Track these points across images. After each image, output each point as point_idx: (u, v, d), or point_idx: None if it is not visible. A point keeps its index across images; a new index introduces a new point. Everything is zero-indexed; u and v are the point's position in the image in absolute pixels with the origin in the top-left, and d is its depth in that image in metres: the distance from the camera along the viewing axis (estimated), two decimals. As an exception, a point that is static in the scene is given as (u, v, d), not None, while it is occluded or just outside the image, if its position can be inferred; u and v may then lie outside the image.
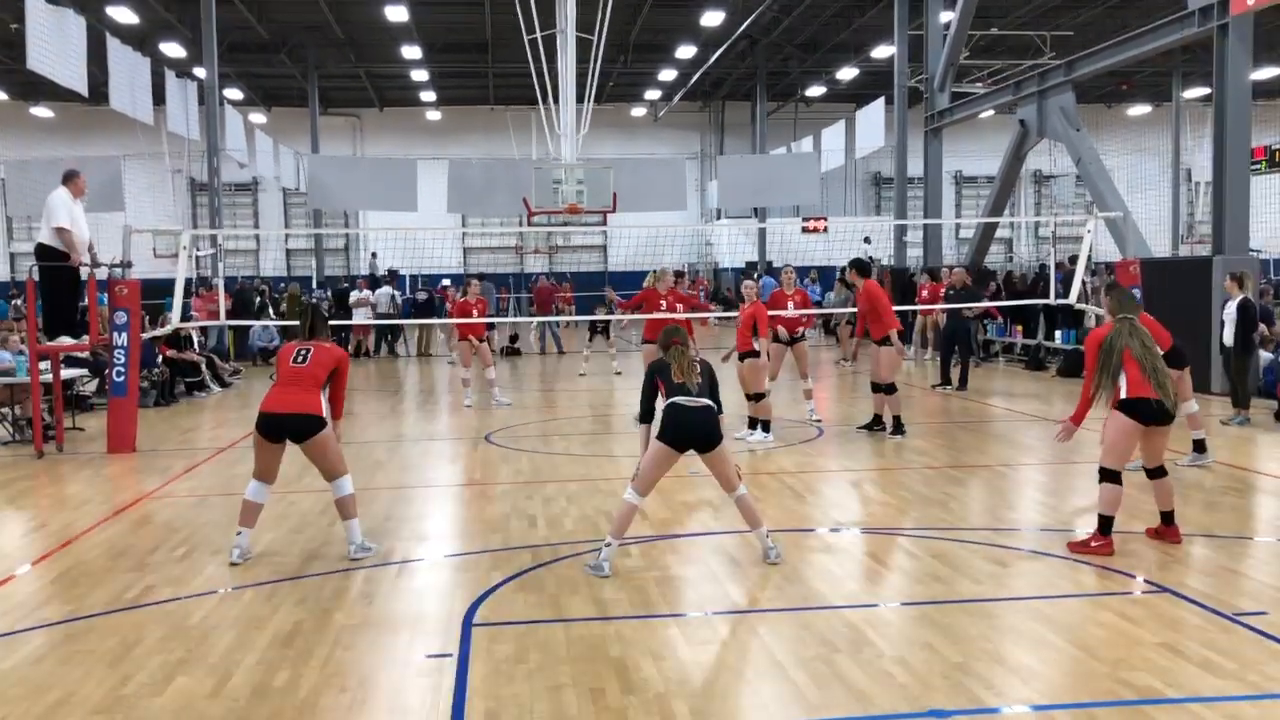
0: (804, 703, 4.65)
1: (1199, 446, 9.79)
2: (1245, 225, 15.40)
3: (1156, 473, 7.05)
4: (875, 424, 12.10)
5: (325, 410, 7.18)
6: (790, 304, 13.16)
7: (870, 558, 7.05)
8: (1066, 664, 5.03)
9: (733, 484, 6.76)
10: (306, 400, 7.08)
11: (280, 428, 7.11)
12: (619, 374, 18.87)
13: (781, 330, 13.01)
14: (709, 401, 6.69)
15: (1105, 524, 6.88)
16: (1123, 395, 6.83)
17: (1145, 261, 15.46)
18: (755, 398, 11.75)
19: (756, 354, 11.69)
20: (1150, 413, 6.79)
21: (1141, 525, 7.62)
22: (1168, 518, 7.09)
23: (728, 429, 7.14)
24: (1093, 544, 6.88)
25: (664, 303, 13.01)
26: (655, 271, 14.06)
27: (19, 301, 29.61)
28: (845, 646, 5.28)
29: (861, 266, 12.60)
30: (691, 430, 6.61)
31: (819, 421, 12.86)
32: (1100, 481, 6.95)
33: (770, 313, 12.96)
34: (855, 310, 23.22)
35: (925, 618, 5.73)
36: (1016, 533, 7.60)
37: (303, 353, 7.26)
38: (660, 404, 6.78)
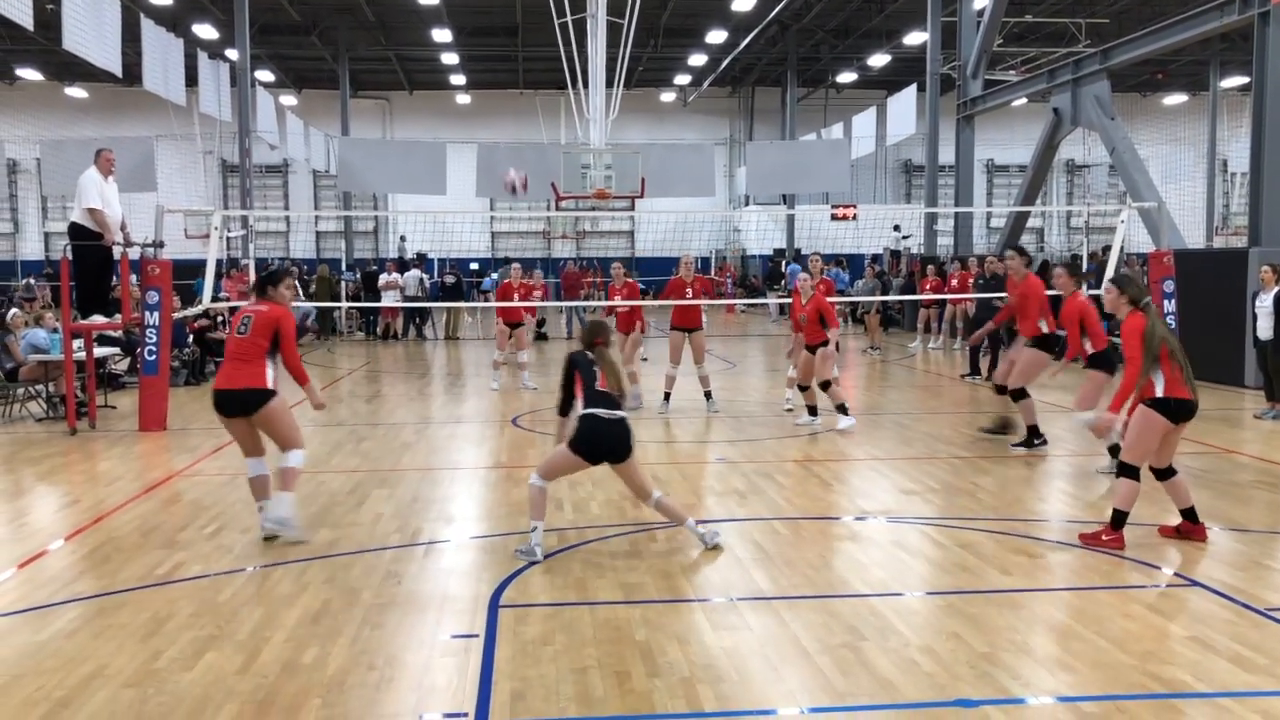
0: (830, 690, 4.64)
1: (1115, 451, 8.79)
2: (1283, 216, 15.18)
3: (1166, 473, 6.91)
4: (1002, 429, 10.76)
5: (271, 379, 7.02)
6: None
7: (897, 546, 7.02)
8: (1095, 656, 5.00)
9: (647, 492, 6.72)
10: (249, 373, 6.97)
11: (230, 404, 7.05)
12: (645, 360, 18.84)
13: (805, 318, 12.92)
14: (624, 414, 6.63)
15: (1119, 518, 6.79)
16: (1158, 393, 6.68)
17: (1179, 253, 15.27)
18: (824, 385, 11.61)
19: (825, 343, 11.59)
20: (1185, 412, 6.71)
21: (1172, 519, 7.55)
22: (1190, 515, 6.96)
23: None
24: (1104, 537, 6.81)
25: (689, 290, 12.97)
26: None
27: (32, 280, 29.97)
28: (872, 635, 5.27)
29: (1025, 254, 11.11)
30: (606, 445, 6.58)
31: (790, 410, 12.80)
32: (1118, 476, 6.88)
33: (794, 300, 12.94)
34: (881, 299, 23.17)
35: (952, 607, 5.71)
36: (1045, 524, 7.55)
37: (245, 320, 7.10)
38: (577, 406, 6.61)
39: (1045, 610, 5.68)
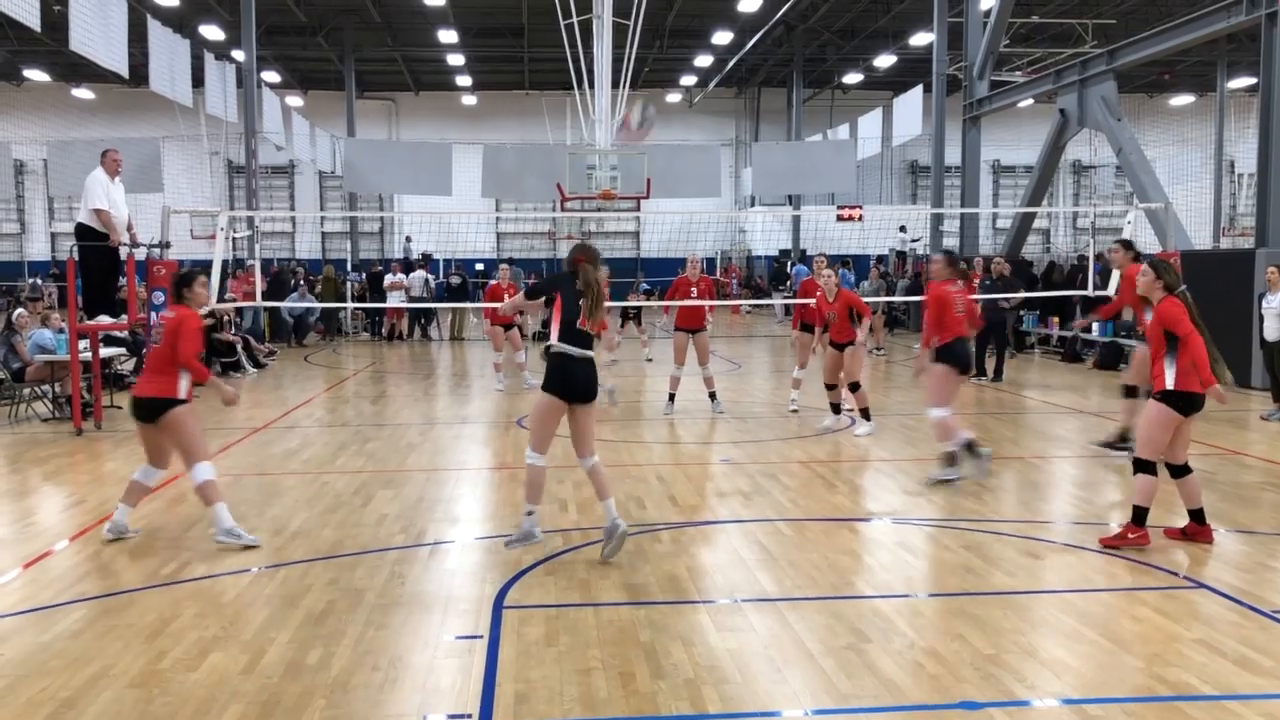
0: (834, 691, 4.63)
1: (950, 460, 8.84)
2: (1290, 218, 15.15)
3: (1181, 471, 6.89)
4: (1124, 441, 9.93)
5: (182, 389, 7.01)
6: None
7: (901, 548, 7.01)
8: (1100, 658, 4.98)
9: (590, 447, 6.60)
10: (155, 382, 7.01)
11: (136, 410, 7.06)
12: (650, 360, 18.85)
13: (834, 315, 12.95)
14: (592, 354, 6.51)
15: (1140, 515, 6.79)
16: (1168, 385, 6.69)
17: (1186, 254, 15.22)
18: (854, 387, 11.40)
19: (853, 341, 11.50)
20: (1193, 406, 6.71)
21: (1178, 520, 7.54)
22: (1198, 516, 6.94)
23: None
24: (1130, 535, 6.79)
25: (694, 290, 12.95)
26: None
27: (38, 280, 30.03)
28: (876, 636, 5.26)
29: (1131, 246, 10.50)
30: (579, 383, 6.44)
31: (851, 411, 12.79)
32: (1135, 473, 6.87)
33: (801, 301, 12.96)
34: (888, 299, 23.14)
35: (957, 609, 5.70)
36: (1050, 525, 7.54)
37: (158, 329, 7.13)
38: (551, 336, 6.45)
39: (1050, 612, 5.67)
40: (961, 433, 8.82)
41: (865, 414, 11.36)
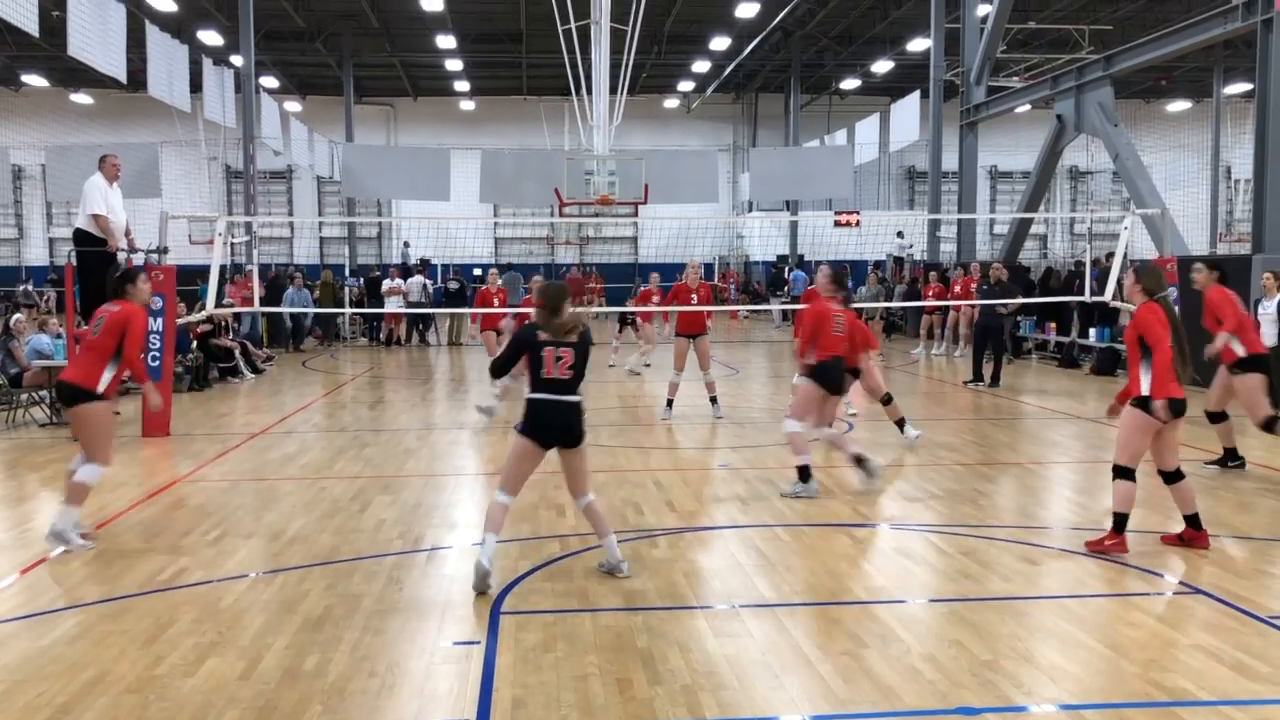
0: (831, 697, 4.63)
1: (859, 460, 8.86)
2: (1286, 223, 15.17)
3: (1174, 476, 6.88)
4: (1232, 459, 9.64)
5: (103, 382, 7.06)
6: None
7: (899, 554, 7.01)
8: (1097, 664, 4.99)
9: (584, 488, 6.38)
10: (84, 371, 7.08)
11: (60, 394, 7.08)
12: (648, 365, 18.84)
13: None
14: (575, 398, 6.28)
15: (1119, 522, 6.77)
16: (1143, 391, 6.69)
17: (1183, 259, 15.25)
18: (886, 399, 11.08)
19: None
20: (1172, 411, 6.68)
21: (1175, 526, 7.54)
22: (1194, 521, 6.93)
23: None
24: (1107, 543, 6.79)
25: (694, 296, 12.97)
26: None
27: (30, 286, 30.00)
28: (874, 642, 5.26)
29: (1215, 266, 10.08)
30: (554, 428, 6.27)
31: (854, 416, 12.82)
32: (1114, 479, 6.84)
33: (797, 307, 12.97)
34: (885, 305, 23.15)
35: (955, 615, 5.70)
36: (1047, 531, 7.54)
37: (99, 321, 7.24)
38: (524, 390, 6.36)
39: (1048, 618, 5.67)
40: (805, 455, 8.66)
41: (900, 425, 11.11)
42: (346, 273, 34.01)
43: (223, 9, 28.93)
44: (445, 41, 32.81)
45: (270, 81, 36.92)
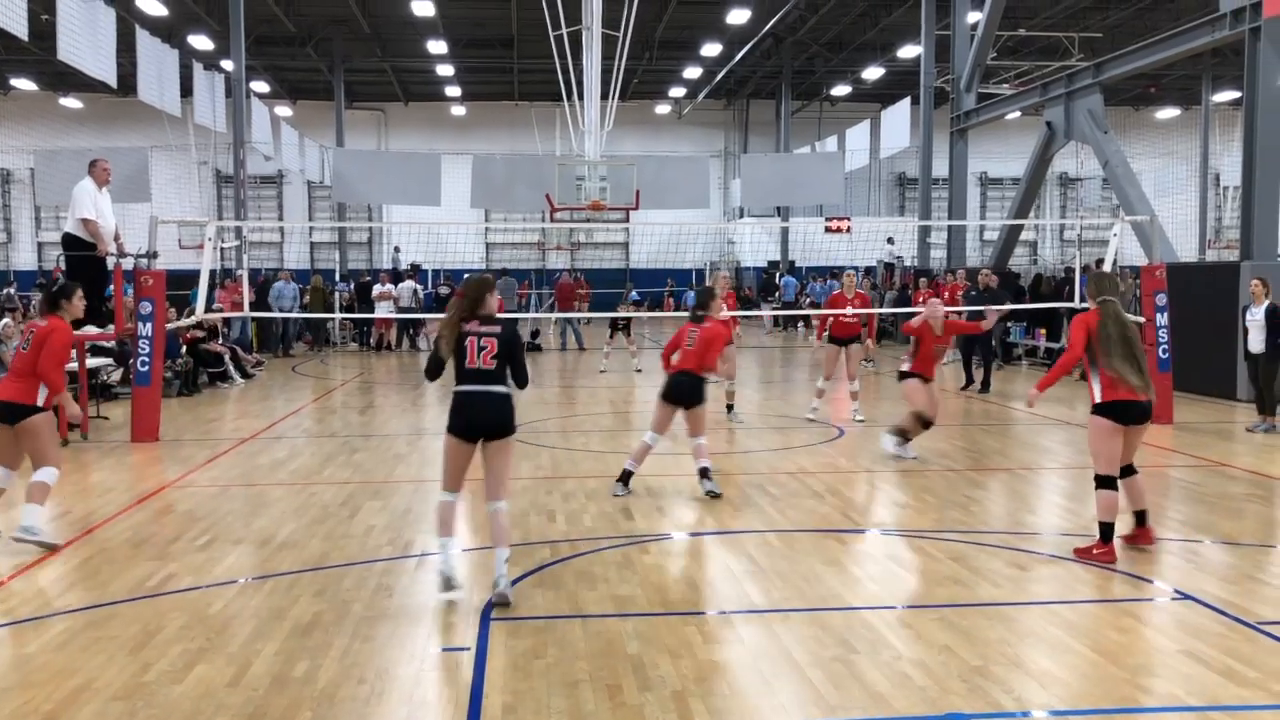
0: (822, 703, 4.63)
1: (704, 474, 8.82)
2: (1275, 230, 15.26)
3: (1126, 470, 6.98)
4: None
5: (41, 396, 7.28)
6: (850, 307, 13.18)
7: (889, 559, 7.02)
8: (1086, 669, 5.00)
9: (500, 492, 6.21)
10: (19, 387, 7.26)
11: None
12: (639, 371, 18.85)
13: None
14: (501, 389, 6.21)
15: (1105, 531, 6.82)
16: (1097, 399, 6.81)
17: (1172, 266, 15.32)
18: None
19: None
20: (1129, 415, 6.77)
21: (1169, 532, 7.57)
22: (1141, 517, 7.01)
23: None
24: (1095, 551, 6.82)
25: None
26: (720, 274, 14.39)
27: (12, 290, 29.85)
28: (863, 648, 5.27)
29: None
30: (474, 420, 6.23)
31: (862, 421, 12.85)
32: (1096, 489, 6.88)
33: (830, 311, 13.35)
34: (878, 311, 23.17)
35: (944, 620, 5.71)
36: (1037, 537, 7.56)
37: (28, 337, 7.46)
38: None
39: (1037, 623, 5.68)
40: (632, 463, 8.94)
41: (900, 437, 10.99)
42: (337, 278, 33.94)
43: (213, 14, 28.88)
44: (436, 46, 32.79)
45: (261, 86, 36.86)
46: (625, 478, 8.96)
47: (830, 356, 13.20)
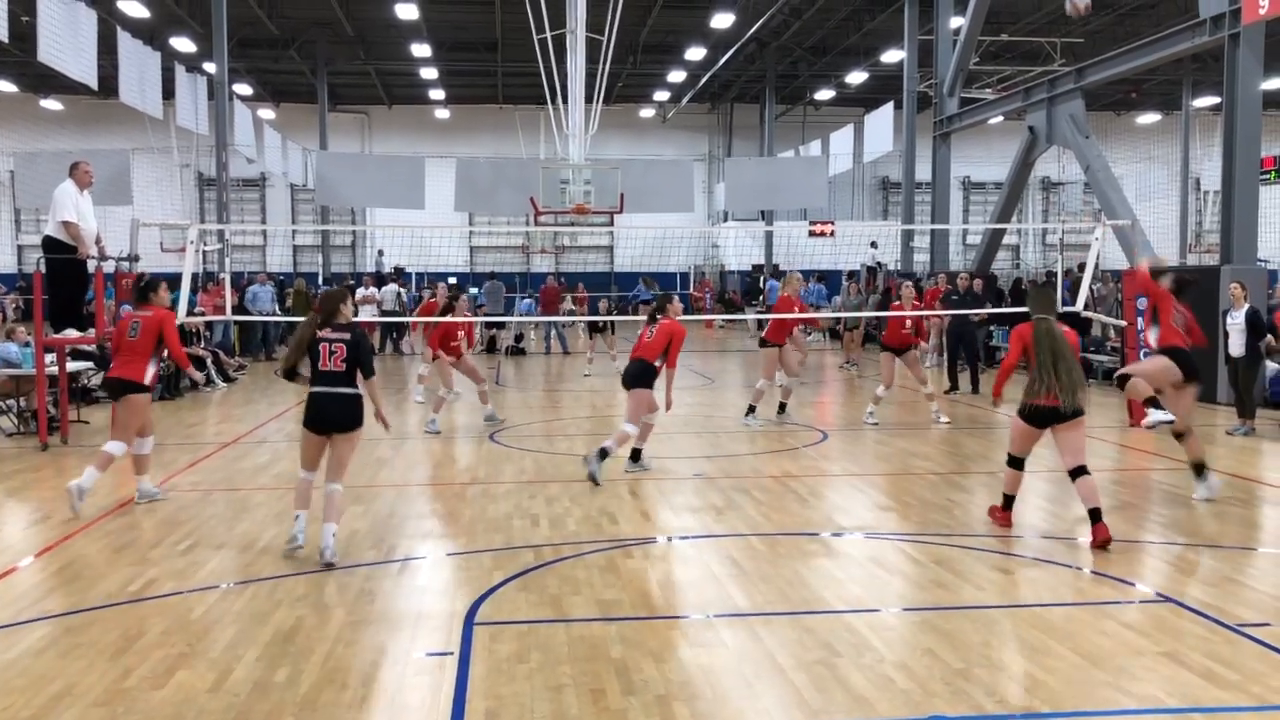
0: (805, 707, 4.64)
1: (634, 455, 10.10)
2: (1254, 235, 15.38)
3: (1077, 472, 7.35)
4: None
5: (149, 376, 8.50)
6: (907, 321, 13.28)
7: (873, 562, 7.04)
8: (1069, 672, 5.01)
9: (338, 476, 7.08)
10: (131, 367, 8.46)
11: (112, 389, 8.73)
12: (620, 372, 18.74)
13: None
14: (349, 389, 7.06)
15: (1006, 501, 7.82)
16: (1020, 400, 7.59)
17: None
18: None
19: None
20: (1042, 418, 7.39)
21: (1150, 535, 7.63)
22: (1094, 515, 7.24)
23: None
24: (997, 515, 7.85)
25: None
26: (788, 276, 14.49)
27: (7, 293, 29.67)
28: (847, 651, 5.27)
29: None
30: (329, 417, 7.06)
31: (947, 423, 13.03)
32: (1006, 466, 7.86)
33: (921, 314, 13.67)
34: (865, 314, 23.21)
35: (927, 623, 5.72)
36: (1020, 539, 7.58)
37: (135, 325, 8.61)
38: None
39: (1019, 626, 5.70)
40: (610, 445, 9.71)
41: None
42: (320, 281, 33.82)
43: (195, 16, 28.75)
44: (420, 50, 32.74)
45: (244, 89, 36.72)
46: (635, 455, 10.12)
47: (886, 364, 13.32)
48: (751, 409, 13.12)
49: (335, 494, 7.04)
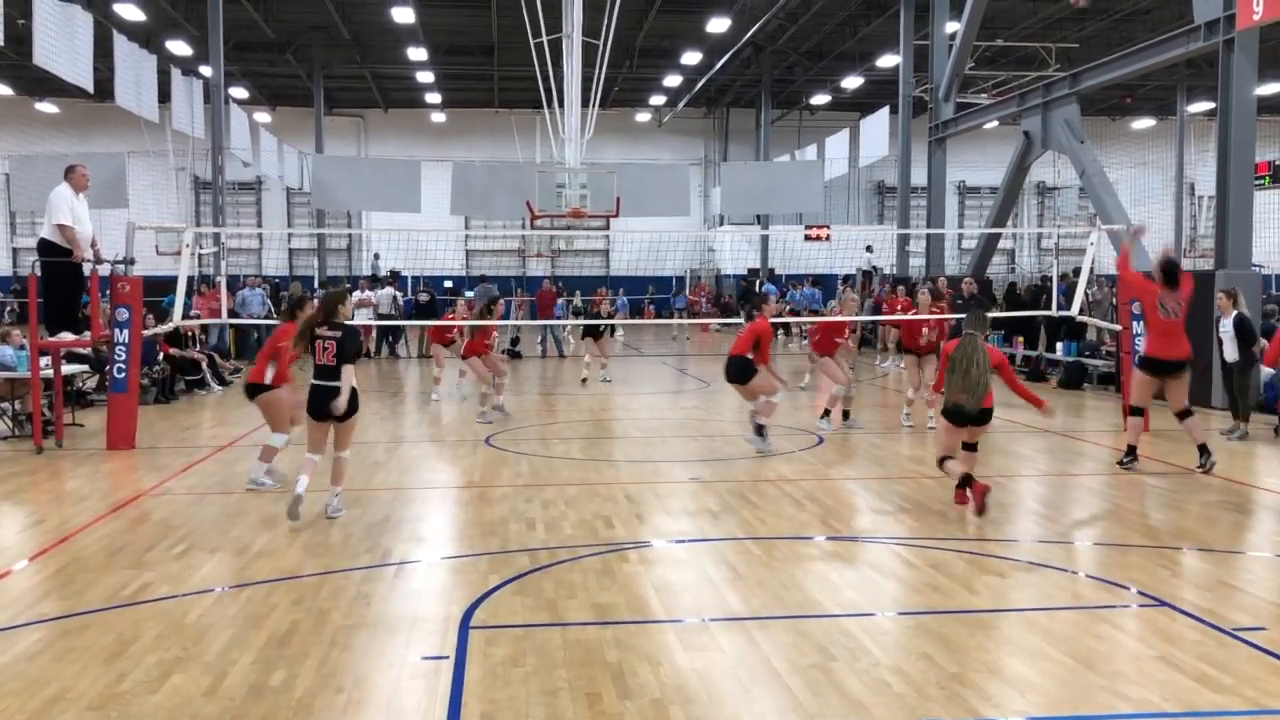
0: (800, 711, 4.64)
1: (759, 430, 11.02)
2: (1248, 240, 15.40)
3: (970, 448, 8.75)
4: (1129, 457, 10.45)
5: (268, 377, 9.27)
6: (925, 327, 13.31)
7: (868, 566, 7.04)
8: (1063, 676, 5.02)
9: (345, 445, 8.26)
10: (257, 372, 9.42)
11: (246, 391, 9.69)
12: (608, 381, 18.59)
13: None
14: (339, 384, 7.98)
15: (962, 481, 8.40)
16: (944, 404, 8.55)
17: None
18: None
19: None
20: (959, 416, 8.41)
21: (1140, 539, 7.64)
22: (967, 479, 8.33)
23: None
24: (956, 498, 8.52)
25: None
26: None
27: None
28: (842, 655, 5.28)
29: None
30: (320, 405, 8.05)
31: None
32: (938, 465, 8.68)
33: (932, 317, 13.66)
34: (864, 319, 23.26)
35: (922, 627, 5.73)
36: (1014, 544, 7.60)
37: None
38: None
39: (1015, 630, 5.71)
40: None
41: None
42: (315, 284, 33.79)
43: (192, 19, 28.75)
44: (416, 53, 32.76)
45: (240, 92, 36.73)
46: (759, 430, 11.21)
47: (911, 367, 13.41)
48: (826, 412, 13.10)
49: (342, 460, 8.22)
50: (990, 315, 18.03)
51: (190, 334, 18.04)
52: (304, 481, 8.03)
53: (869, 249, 32.62)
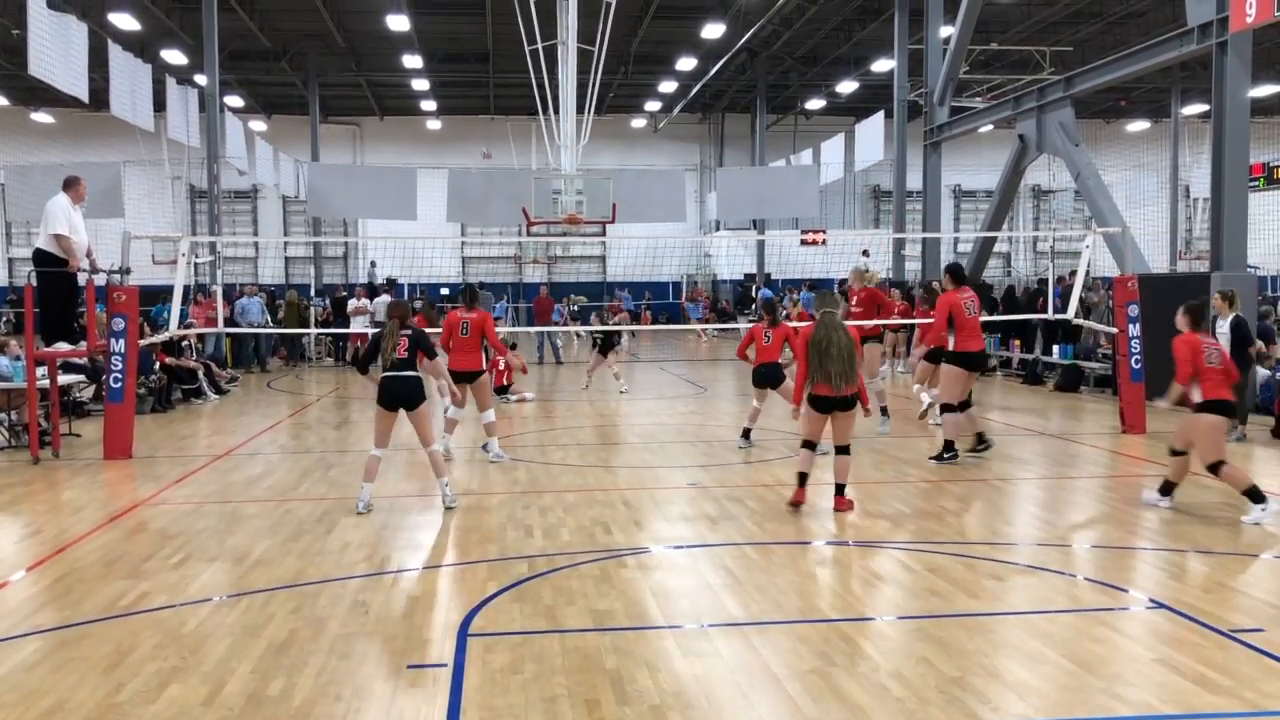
0: (799, 716, 4.64)
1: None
2: (1243, 241, 15.44)
3: (841, 450, 8.78)
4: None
5: (482, 364, 11.08)
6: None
7: (866, 571, 7.04)
8: (1063, 679, 5.02)
9: (428, 440, 8.89)
10: (469, 359, 10.99)
11: (457, 378, 10.64)
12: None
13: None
14: (411, 373, 8.71)
15: (799, 478, 8.71)
16: (807, 391, 8.67)
17: (1144, 277, 15.46)
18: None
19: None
20: (824, 404, 8.58)
21: (1143, 542, 7.65)
22: (840, 488, 8.67)
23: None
24: (797, 493, 8.71)
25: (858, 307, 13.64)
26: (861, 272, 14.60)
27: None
28: (841, 660, 5.27)
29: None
30: (396, 396, 8.68)
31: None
32: (800, 449, 8.81)
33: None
34: (858, 323, 23.28)
35: (921, 632, 5.73)
36: (1013, 547, 7.60)
37: (464, 324, 11.02)
38: (379, 370, 8.79)
39: (1013, 634, 5.71)
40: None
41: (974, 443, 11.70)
42: (312, 292, 33.79)
43: (186, 28, 28.76)
44: (412, 61, 32.79)
45: (235, 101, 36.73)
46: (745, 434, 11.99)
47: (927, 371, 13.40)
48: (883, 411, 13.24)
49: (434, 454, 9.00)
50: (989, 318, 18.15)
51: (187, 343, 18.00)
52: (369, 490, 8.87)
53: (865, 253, 32.65)
